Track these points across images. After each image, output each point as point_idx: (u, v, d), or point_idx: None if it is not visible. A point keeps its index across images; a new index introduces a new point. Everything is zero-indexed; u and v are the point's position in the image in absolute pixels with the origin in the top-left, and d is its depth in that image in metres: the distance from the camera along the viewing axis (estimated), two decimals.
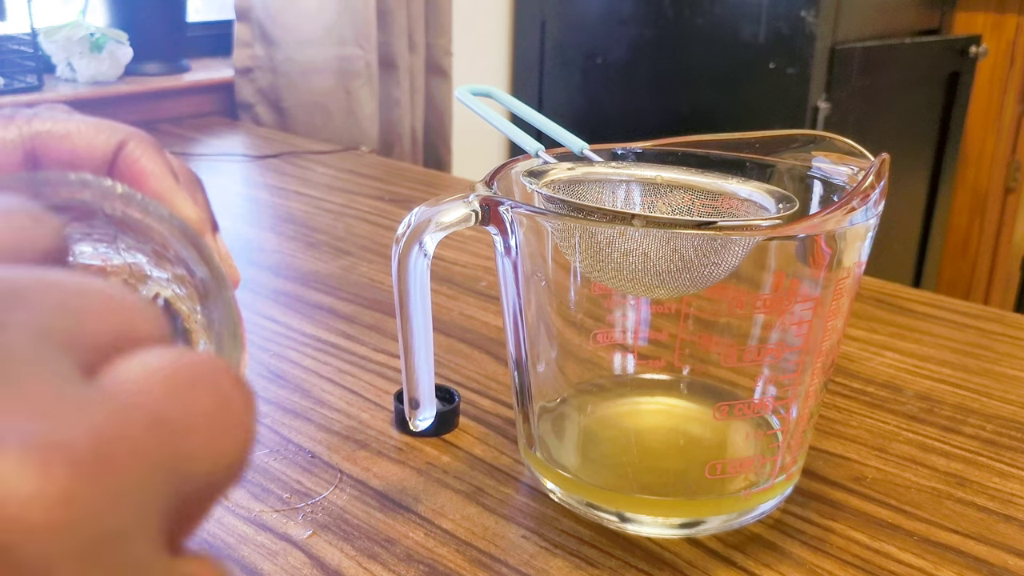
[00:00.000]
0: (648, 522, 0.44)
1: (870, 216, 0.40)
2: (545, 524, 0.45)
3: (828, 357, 0.44)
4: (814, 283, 0.42)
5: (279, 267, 0.79)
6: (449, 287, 0.74)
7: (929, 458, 0.51)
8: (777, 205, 0.43)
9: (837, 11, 1.54)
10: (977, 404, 0.57)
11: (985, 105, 2.10)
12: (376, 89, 1.52)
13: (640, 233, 0.39)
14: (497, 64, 1.91)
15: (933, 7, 1.92)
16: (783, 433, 0.46)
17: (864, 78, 1.62)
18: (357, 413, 0.55)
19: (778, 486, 0.45)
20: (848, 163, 0.45)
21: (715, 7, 1.60)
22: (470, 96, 0.49)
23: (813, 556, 0.43)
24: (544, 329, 0.47)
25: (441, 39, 1.62)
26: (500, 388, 0.58)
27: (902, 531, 0.45)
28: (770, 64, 1.56)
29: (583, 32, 1.78)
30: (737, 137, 0.48)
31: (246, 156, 1.22)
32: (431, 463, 0.50)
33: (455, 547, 0.43)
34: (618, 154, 0.49)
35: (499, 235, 0.43)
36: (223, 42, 1.53)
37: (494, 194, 0.42)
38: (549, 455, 0.47)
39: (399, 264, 0.42)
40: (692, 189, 0.45)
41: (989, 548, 0.44)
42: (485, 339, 0.65)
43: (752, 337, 0.45)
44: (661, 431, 0.51)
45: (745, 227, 0.40)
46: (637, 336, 0.49)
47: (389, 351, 0.63)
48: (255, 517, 0.45)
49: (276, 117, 1.49)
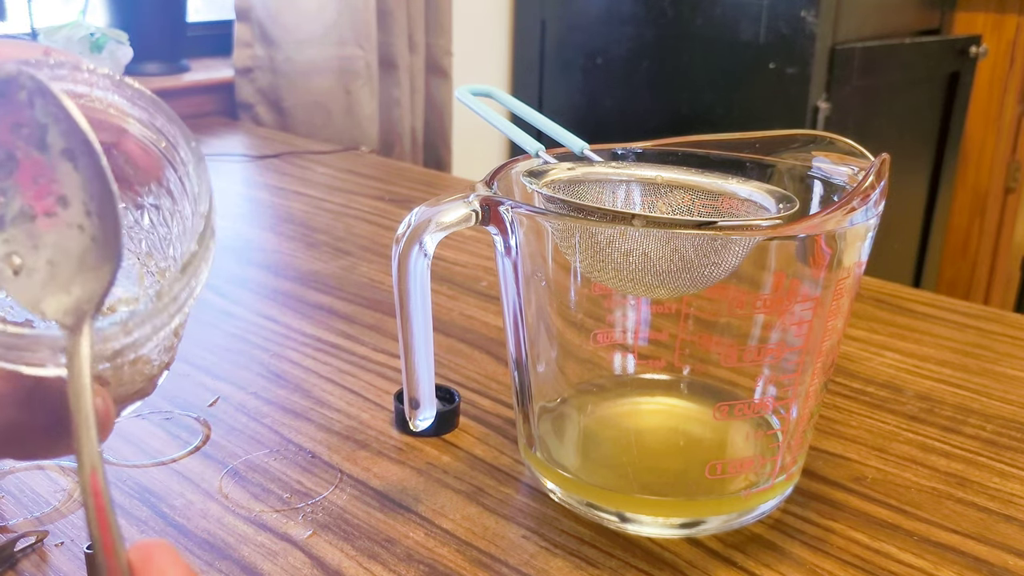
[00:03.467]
0: (648, 522, 0.44)
1: (870, 216, 0.40)
2: (545, 524, 0.45)
3: (828, 357, 0.44)
4: (814, 283, 0.42)
5: (279, 267, 0.79)
6: (449, 287, 0.74)
7: (929, 458, 0.51)
8: (777, 205, 0.43)
9: (837, 11, 1.54)
10: (977, 404, 0.57)
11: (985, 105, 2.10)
12: (376, 89, 1.52)
13: (640, 233, 0.39)
14: (497, 64, 1.91)
15: (933, 7, 1.92)
16: (783, 433, 0.46)
17: (864, 78, 1.62)
18: (357, 413, 0.55)
19: (778, 486, 0.45)
20: (848, 163, 0.45)
21: (715, 7, 1.60)
22: (470, 96, 0.49)
23: (813, 556, 0.43)
24: (544, 329, 0.47)
25: (441, 39, 1.62)
26: (500, 388, 0.58)
27: (902, 531, 0.45)
28: (770, 64, 1.56)
29: (583, 32, 1.78)
30: (737, 137, 0.48)
31: (246, 156, 1.22)
32: (431, 463, 0.50)
33: (455, 547, 0.43)
34: (618, 154, 0.49)
35: (499, 235, 0.43)
36: (223, 42, 1.52)
37: (494, 194, 0.42)
38: (549, 455, 0.47)
39: (399, 264, 0.42)
40: (692, 189, 0.45)
41: (989, 548, 0.44)
42: (485, 339, 0.65)
43: (752, 337, 0.45)
44: (661, 431, 0.51)
45: (745, 227, 0.40)
46: (637, 336, 0.49)
47: (389, 351, 0.63)
48: (255, 517, 0.45)
49: (276, 117, 1.49)
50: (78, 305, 0.25)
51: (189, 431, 0.52)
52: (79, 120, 0.24)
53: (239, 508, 0.46)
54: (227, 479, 0.48)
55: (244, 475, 0.48)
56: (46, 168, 0.25)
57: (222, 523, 0.45)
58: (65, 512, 0.45)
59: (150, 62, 1.40)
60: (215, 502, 0.46)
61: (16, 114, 0.25)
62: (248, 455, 0.50)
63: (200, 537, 0.43)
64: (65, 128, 0.24)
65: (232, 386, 0.57)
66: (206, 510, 0.45)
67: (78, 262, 0.25)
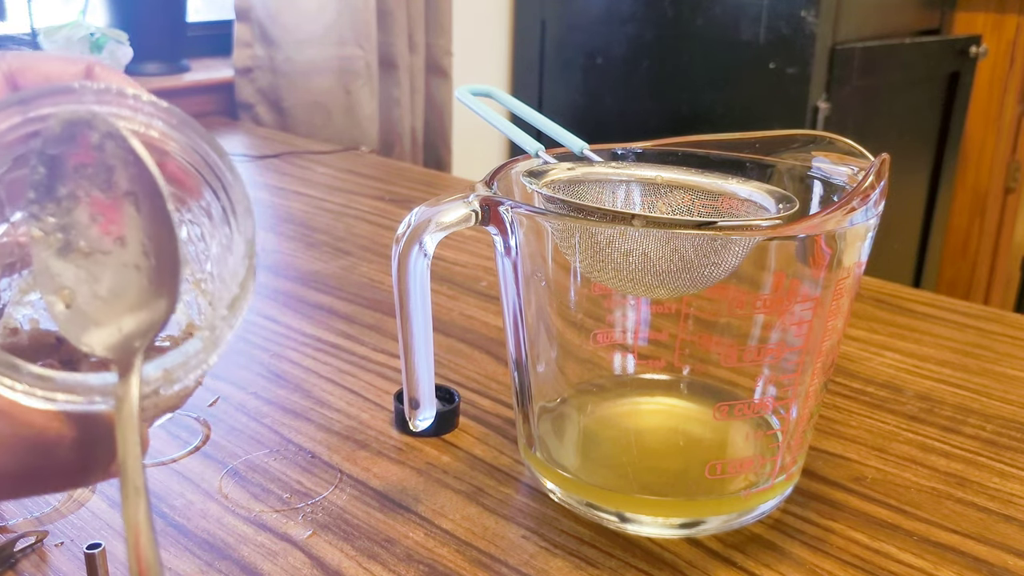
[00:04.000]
0: (648, 522, 0.44)
1: (870, 216, 0.40)
2: (545, 524, 0.45)
3: (828, 357, 0.44)
4: (814, 283, 0.42)
5: (279, 267, 0.79)
6: (449, 287, 0.74)
7: (929, 458, 0.51)
8: (777, 205, 0.43)
9: (837, 11, 1.54)
10: (977, 404, 0.57)
11: (985, 105, 2.10)
12: (376, 89, 1.52)
13: (640, 233, 0.39)
14: (497, 64, 1.91)
15: (933, 7, 1.92)
16: (783, 433, 0.46)
17: (864, 78, 1.62)
18: (357, 413, 0.55)
19: (778, 486, 0.45)
20: (848, 163, 0.45)
21: (715, 7, 1.60)
22: (470, 96, 0.49)
23: (813, 556, 0.43)
24: (544, 329, 0.47)
25: (441, 39, 1.62)
26: (500, 388, 0.58)
27: (902, 531, 0.45)
28: (770, 64, 1.56)
29: (583, 32, 1.78)
30: (737, 137, 0.48)
31: (246, 156, 1.22)
32: (431, 463, 0.50)
33: (455, 547, 0.43)
34: (618, 154, 0.49)
35: (499, 235, 0.43)
36: (223, 42, 1.52)
37: (494, 194, 0.42)
38: (549, 455, 0.47)
39: (399, 264, 0.42)
40: (692, 189, 0.45)
41: (989, 548, 0.44)
42: (485, 339, 0.65)
43: (752, 337, 0.45)
44: (661, 431, 0.51)
45: (745, 227, 0.40)
46: (637, 336, 0.49)
47: (389, 351, 0.63)
48: (255, 517, 0.45)
49: (276, 117, 1.49)
50: (127, 342, 0.25)
51: (189, 431, 0.52)
52: (149, 165, 0.25)
53: (239, 508, 0.46)
54: (227, 479, 0.48)
55: (244, 475, 0.48)
56: (107, 208, 0.25)
57: (222, 523, 0.45)
58: (65, 512, 0.45)
59: (150, 62, 1.40)
60: (215, 502, 0.46)
61: (83, 155, 0.25)
62: (248, 455, 0.50)
63: (200, 537, 0.43)
64: (134, 172, 0.25)
65: (232, 386, 0.57)
66: (206, 510, 0.45)
67: (131, 301, 0.25)
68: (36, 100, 0.25)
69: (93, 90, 0.25)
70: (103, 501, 0.46)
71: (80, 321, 0.25)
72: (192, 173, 0.27)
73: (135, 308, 0.25)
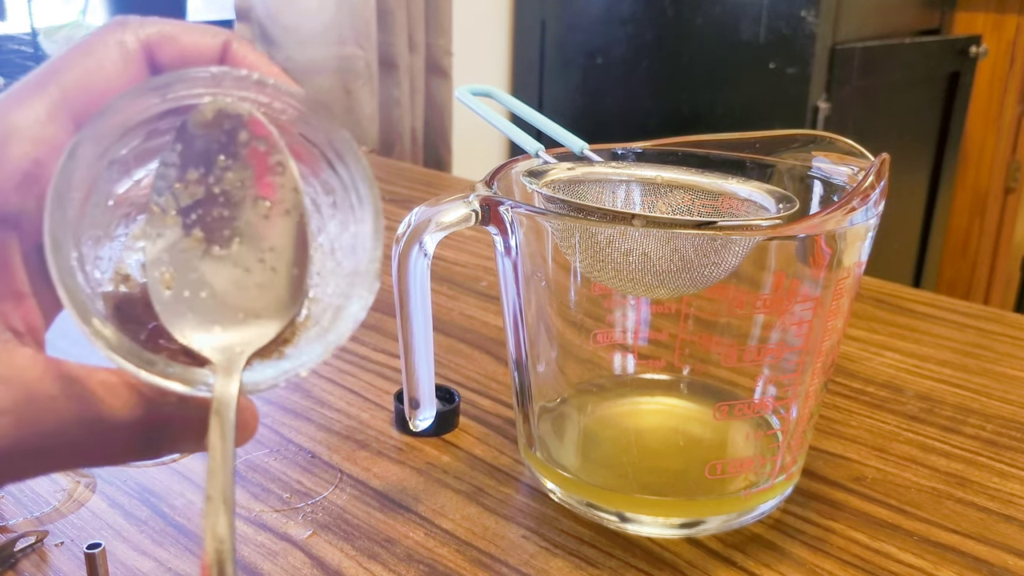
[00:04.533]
0: (648, 522, 0.44)
1: (870, 216, 0.40)
2: (545, 524, 0.45)
3: (828, 357, 0.44)
4: (814, 283, 0.42)
5: None
6: (449, 287, 0.74)
7: (929, 458, 0.51)
8: (777, 205, 0.43)
9: (837, 11, 1.54)
10: (977, 404, 0.57)
11: (985, 105, 2.10)
12: (376, 89, 1.52)
13: (640, 233, 0.39)
14: (497, 64, 1.91)
15: (933, 7, 1.92)
16: (783, 433, 0.46)
17: (864, 78, 1.62)
18: (357, 413, 0.55)
19: (778, 486, 0.45)
20: (848, 163, 0.45)
21: (715, 7, 1.60)
22: (470, 96, 0.49)
23: (813, 556, 0.43)
24: (544, 329, 0.47)
25: (441, 39, 1.62)
26: (500, 388, 0.58)
27: (902, 531, 0.45)
28: (770, 64, 1.56)
29: (583, 32, 1.78)
30: (737, 137, 0.48)
31: None
32: (431, 463, 0.50)
33: (455, 547, 0.43)
34: (618, 154, 0.49)
35: (499, 235, 0.43)
36: None
37: (494, 194, 0.42)
38: (549, 455, 0.47)
39: (399, 264, 0.42)
40: (692, 189, 0.45)
41: (989, 548, 0.44)
42: (485, 339, 0.65)
43: (752, 337, 0.45)
44: (661, 431, 0.51)
45: (745, 227, 0.40)
46: (637, 336, 0.49)
47: (389, 351, 0.63)
48: (255, 517, 0.45)
49: None
50: (231, 346, 0.24)
51: None
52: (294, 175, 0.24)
53: (239, 508, 0.46)
54: None
55: (244, 475, 0.48)
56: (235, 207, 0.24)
57: None
58: (65, 512, 0.45)
59: None
60: None
61: (225, 148, 0.24)
62: (248, 455, 0.50)
63: (200, 537, 0.43)
64: (275, 181, 0.24)
65: None
66: None
67: (242, 306, 0.24)
68: (174, 86, 0.24)
69: (233, 77, 0.24)
70: (103, 501, 0.46)
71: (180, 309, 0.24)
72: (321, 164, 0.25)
73: (247, 316, 0.24)
